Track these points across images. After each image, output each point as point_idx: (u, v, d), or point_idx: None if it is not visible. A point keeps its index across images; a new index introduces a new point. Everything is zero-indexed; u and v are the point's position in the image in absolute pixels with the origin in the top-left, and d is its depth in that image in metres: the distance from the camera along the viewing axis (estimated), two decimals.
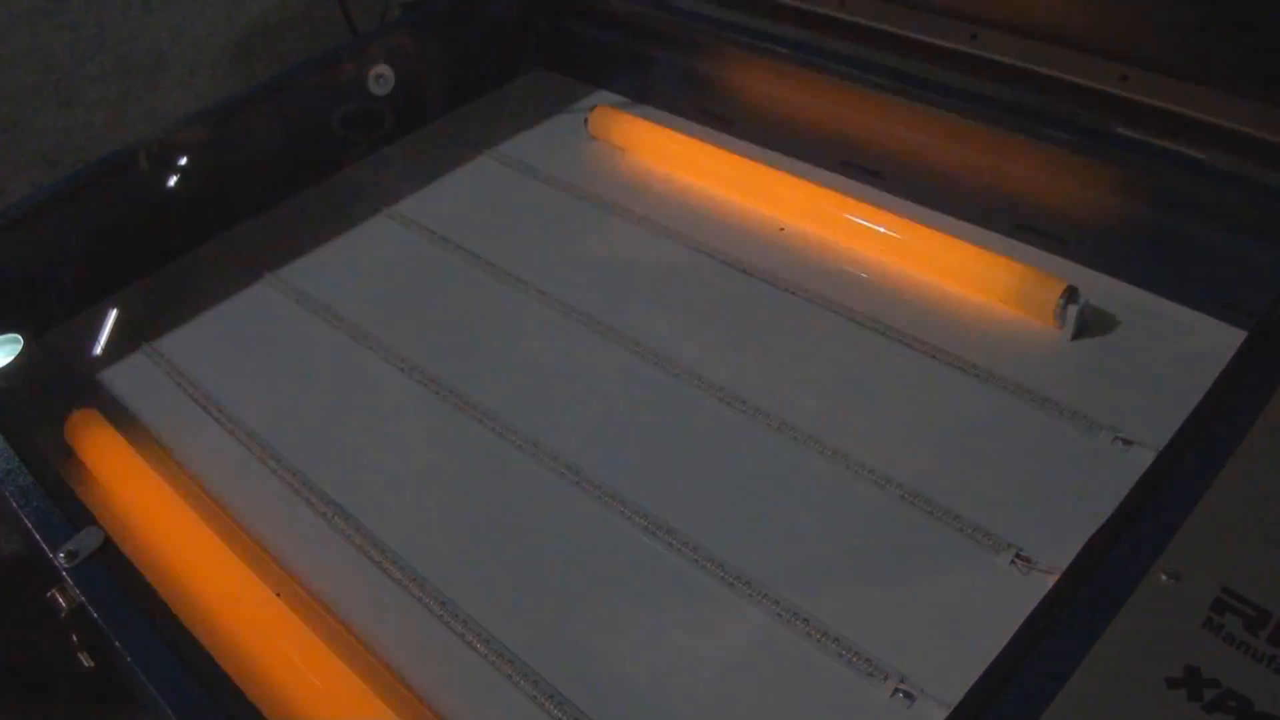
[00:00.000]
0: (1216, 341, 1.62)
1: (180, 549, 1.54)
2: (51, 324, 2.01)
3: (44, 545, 1.38)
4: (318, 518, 1.60)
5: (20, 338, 1.83)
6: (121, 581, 1.34)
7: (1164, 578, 1.07)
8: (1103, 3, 1.63)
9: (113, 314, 2.04)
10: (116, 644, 1.26)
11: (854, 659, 1.31)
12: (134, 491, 1.64)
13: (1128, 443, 1.51)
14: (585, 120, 2.35)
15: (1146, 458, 1.45)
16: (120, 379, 1.90)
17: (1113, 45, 1.65)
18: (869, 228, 1.93)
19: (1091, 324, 1.71)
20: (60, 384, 1.90)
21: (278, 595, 1.46)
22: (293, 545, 1.56)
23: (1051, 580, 1.33)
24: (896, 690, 1.27)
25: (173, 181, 2.11)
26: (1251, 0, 1.44)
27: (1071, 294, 1.69)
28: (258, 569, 1.50)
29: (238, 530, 1.59)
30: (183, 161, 2.10)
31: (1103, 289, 1.76)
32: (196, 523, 1.56)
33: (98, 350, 1.97)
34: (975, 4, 1.79)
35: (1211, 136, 1.58)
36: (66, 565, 1.35)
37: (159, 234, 2.12)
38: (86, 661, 1.45)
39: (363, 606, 1.47)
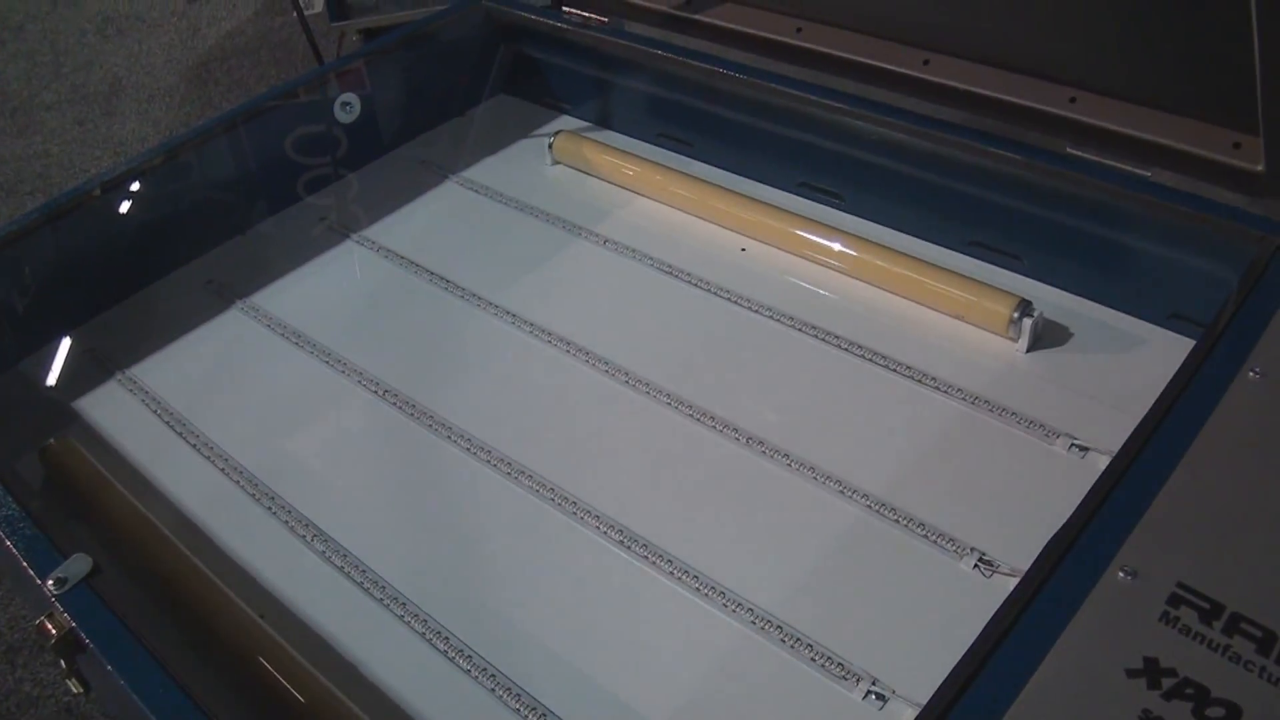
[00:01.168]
0: (1165, 350, 1.69)
1: (163, 575, 1.56)
2: (24, 354, 2.02)
3: (32, 573, 1.40)
4: (296, 539, 1.62)
5: None
6: (111, 606, 1.36)
7: (1121, 575, 1.12)
8: (1051, 29, 1.68)
9: (85, 343, 2.05)
10: (109, 668, 1.28)
11: (827, 664, 1.35)
12: (114, 518, 1.65)
13: (1083, 449, 1.56)
14: (549, 145, 2.39)
15: (1102, 463, 1.51)
16: (95, 407, 1.91)
17: (1061, 69, 1.70)
18: (828, 247, 1.98)
19: (1045, 336, 1.76)
20: (35, 414, 1.92)
21: (262, 617, 1.49)
22: (273, 567, 1.58)
23: (1014, 582, 1.37)
24: (869, 692, 1.31)
25: (141, 210, 2.13)
26: (1192, 26, 1.49)
27: (1025, 307, 1.74)
28: (241, 592, 1.52)
29: (220, 553, 1.61)
30: (150, 190, 2.12)
31: (1055, 302, 1.82)
32: (178, 548, 1.58)
33: (71, 379, 1.98)
34: (927, 31, 1.84)
35: (1156, 155, 1.63)
36: (56, 592, 1.37)
37: (130, 262, 2.14)
38: (75, 688, 1.47)
39: (346, 626, 1.49)
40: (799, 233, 2.02)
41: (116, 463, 1.78)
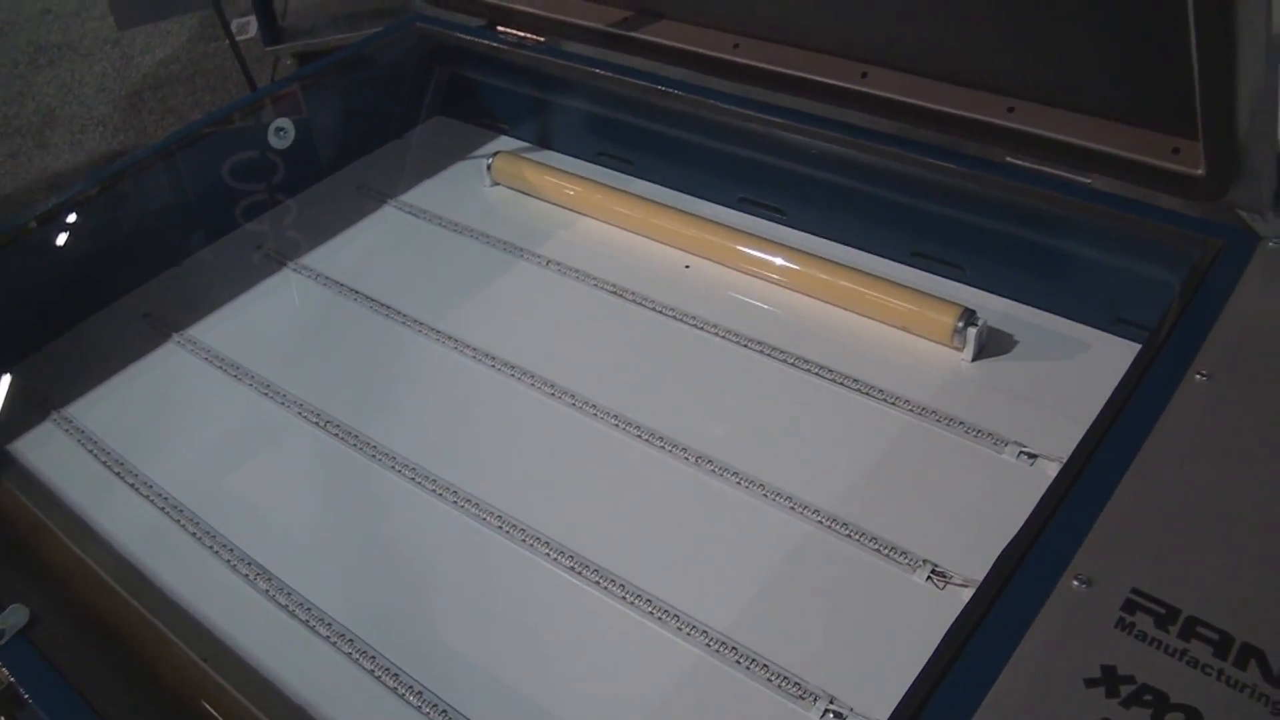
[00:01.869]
0: (1111, 355, 1.69)
1: (104, 621, 1.52)
2: None
3: None
4: (238, 578, 1.58)
5: None
6: (49, 658, 1.32)
7: (1075, 583, 1.12)
8: (987, 40, 1.68)
9: (18, 384, 2.01)
10: None
11: (783, 683, 1.33)
12: (52, 564, 1.62)
13: (1032, 456, 1.56)
14: (488, 166, 2.37)
15: (1051, 470, 1.51)
16: (30, 449, 1.87)
17: (998, 79, 1.71)
18: (772, 262, 1.97)
19: (990, 344, 1.77)
20: None
21: (205, 661, 1.45)
22: (215, 607, 1.55)
23: (968, 593, 1.36)
24: (826, 711, 1.29)
25: (75, 243, 2.09)
26: (1129, 33, 1.50)
27: (969, 316, 1.74)
28: (184, 635, 1.49)
29: (161, 596, 1.57)
30: (83, 223, 2.08)
31: (1000, 310, 1.82)
32: (118, 593, 1.54)
33: (5, 421, 1.93)
34: (865, 44, 1.84)
35: (1095, 161, 1.64)
36: None
37: (64, 297, 2.10)
38: None
39: (292, 667, 1.45)
40: (742, 249, 2.01)
41: (53, 506, 1.74)
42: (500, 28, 2.40)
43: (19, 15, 5.88)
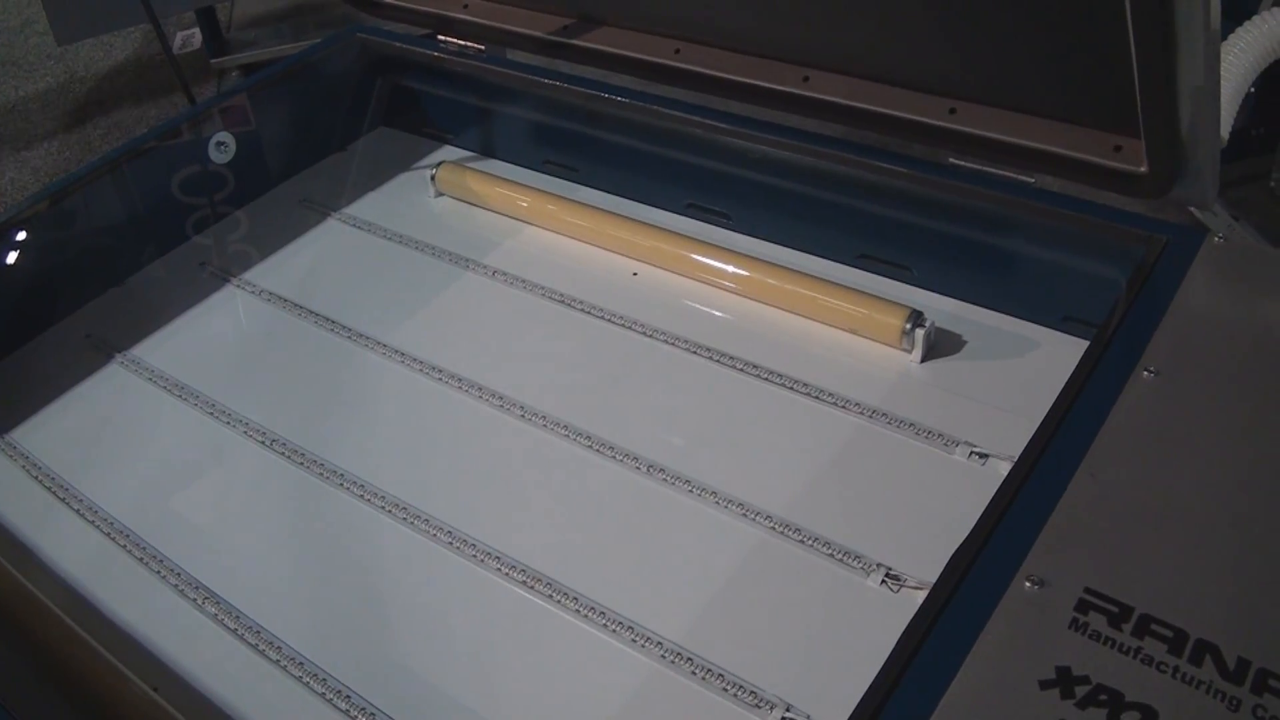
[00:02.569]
0: (1059, 353, 1.69)
1: (49, 651, 1.48)
2: None
3: None
4: (186, 603, 1.56)
5: None
6: None
7: (1028, 584, 1.11)
8: (928, 42, 1.69)
9: None
10: None
11: (739, 692, 1.32)
12: None
13: (983, 456, 1.56)
14: (432, 177, 2.35)
15: (1003, 469, 1.51)
16: None
17: (939, 81, 1.71)
18: (719, 268, 1.96)
19: (939, 345, 1.76)
20: None
21: (155, 690, 1.42)
22: (165, 634, 1.51)
23: (922, 596, 1.37)
24: (784, 719, 1.29)
25: (14, 265, 2.05)
26: (1068, 33, 1.51)
27: (917, 318, 1.74)
28: (133, 664, 1.45)
29: (107, 624, 1.53)
30: (22, 243, 2.05)
31: (948, 311, 1.82)
32: (63, 621, 1.50)
33: None
34: (805, 49, 1.84)
35: (1039, 161, 1.64)
36: None
37: (3, 322, 2.06)
38: None
39: (244, 693, 1.43)
40: (689, 255, 2.00)
41: None
42: (442, 37, 2.39)
43: None
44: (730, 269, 1.95)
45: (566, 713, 1.36)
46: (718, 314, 1.93)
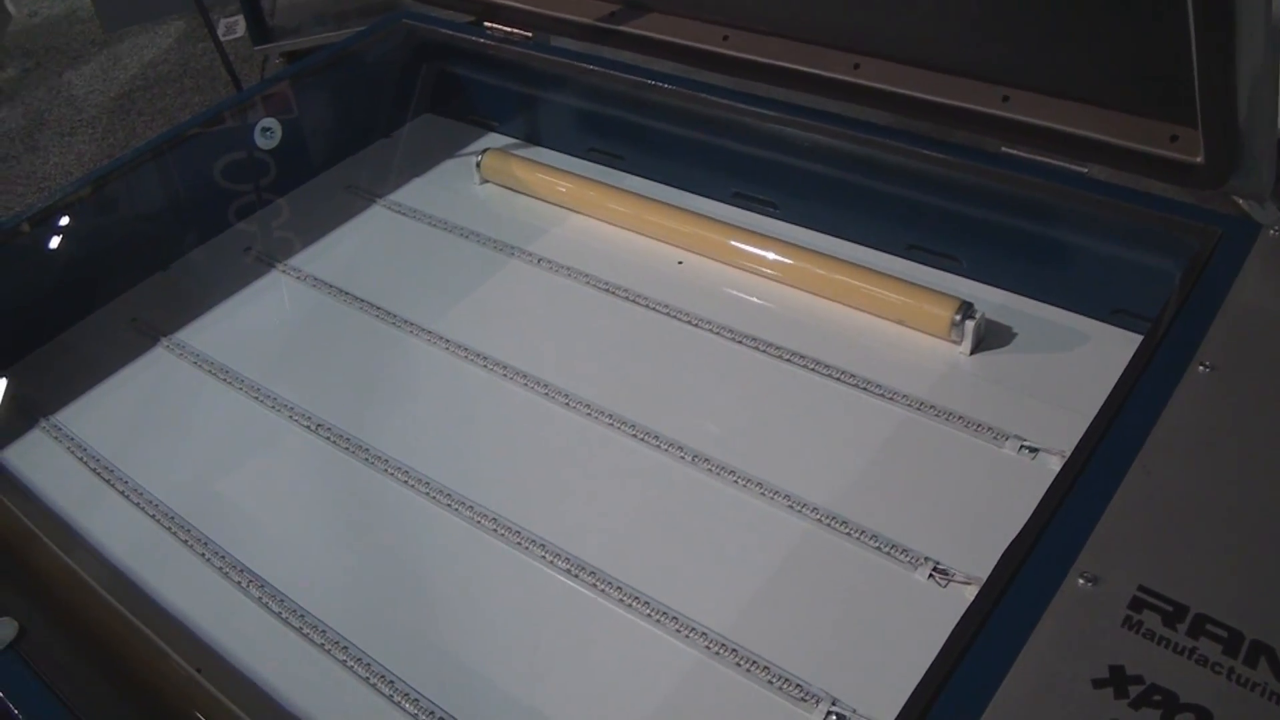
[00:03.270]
0: (1109, 346, 1.67)
1: (94, 632, 1.49)
2: None
3: None
4: (230, 585, 1.56)
5: None
6: (39, 672, 1.30)
7: (1081, 581, 1.10)
8: (980, 29, 1.66)
9: (6, 391, 1.99)
10: None
11: (785, 685, 1.31)
12: (41, 575, 1.59)
13: (1034, 450, 1.54)
14: (477, 164, 2.34)
15: (1053, 464, 1.49)
16: (19, 457, 1.84)
17: (993, 68, 1.69)
18: (765, 256, 1.95)
19: (988, 337, 1.75)
20: None
21: (199, 671, 1.43)
22: (208, 616, 1.52)
23: (970, 591, 1.35)
24: (829, 713, 1.27)
25: (60, 249, 2.06)
26: (1125, 19, 1.48)
27: (967, 309, 1.72)
28: (176, 645, 1.46)
29: (153, 606, 1.54)
30: (69, 227, 2.06)
31: (998, 302, 1.80)
32: (109, 603, 1.51)
33: None
34: (857, 35, 1.82)
35: (1092, 150, 1.62)
36: None
37: (50, 304, 2.08)
38: None
39: (288, 676, 1.43)
40: (735, 244, 1.99)
41: (43, 516, 1.71)
42: (488, 24, 2.38)
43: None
44: (776, 258, 1.94)
45: (609, 702, 1.36)
46: (763, 303, 1.92)
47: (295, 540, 1.65)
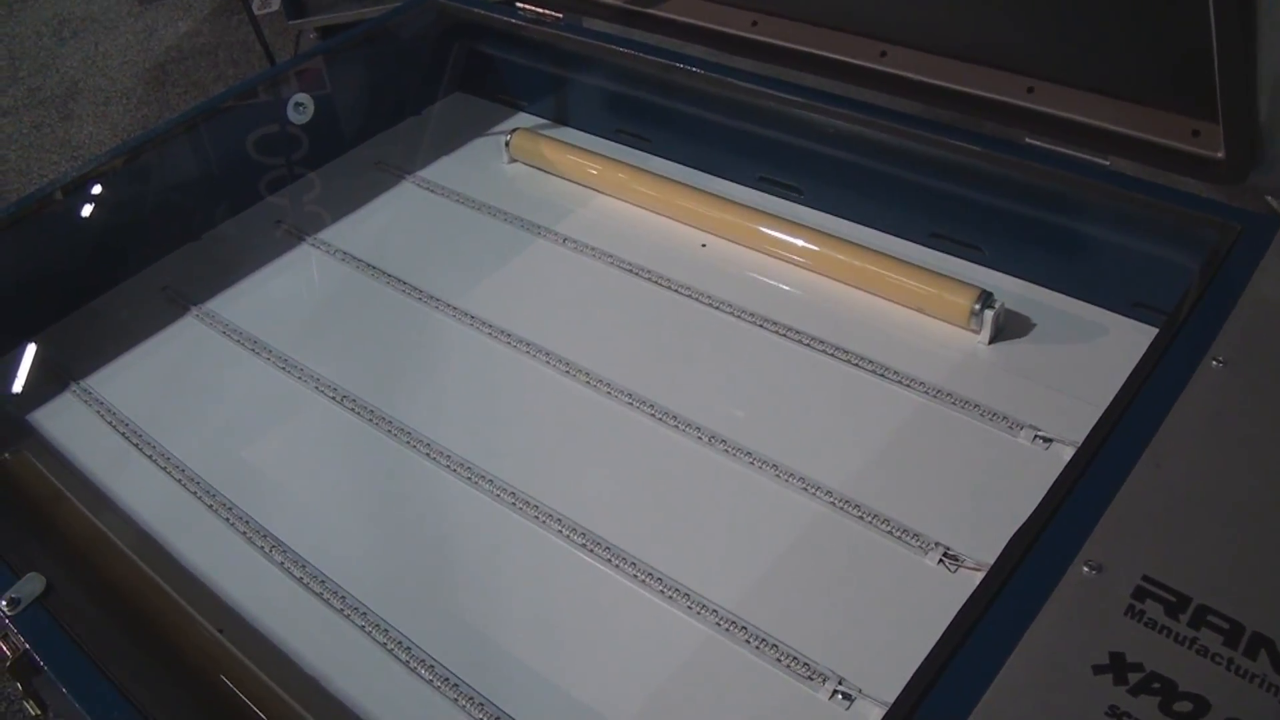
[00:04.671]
0: (1127, 339, 1.68)
1: (120, 591, 1.53)
2: None
3: None
4: (255, 551, 1.60)
5: None
6: (66, 627, 1.34)
7: (1086, 569, 1.11)
8: (1007, 19, 1.67)
9: (39, 354, 2.02)
10: (63, 691, 1.26)
11: (792, 664, 1.34)
12: (70, 534, 1.63)
13: (1047, 440, 1.56)
14: (506, 143, 2.36)
15: (1066, 454, 1.51)
16: (50, 420, 1.88)
17: (1018, 59, 1.69)
18: (788, 241, 1.96)
19: (1007, 327, 1.76)
20: None
21: (221, 632, 1.46)
22: (232, 580, 1.56)
23: (979, 577, 1.36)
24: (835, 692, 1.30)
25: (93, 217, 2.09)
26: (1149, 13, 1.49)
27: (987, 299, 1.73)
28: (199, 606, 1.50)
29: (178, 567, 1.58)
30: (102, 196, 2.09)
31: (1017, 293, 1.81)
32: (135, 563, 1.55)
33: (25, 392, 1.94)
34: (884, 23, 1.83)
35: (1115, 143, 1.63)
36: (9, 613, 1.35)
37: (83, 270, 2.11)
38: (33, 710, 1.44)
39: (307, 640, 1.47)
40: (759, 228, 2.00)
41: (72, 477, 1.75)
42: (520, 4, 2.40)
43: None
44: (799, 243, 1.95)
45: (621, 674, 1.38)
46: (785, 288, 1.93)
47: (319, 508, 1.68)
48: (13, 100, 4.92)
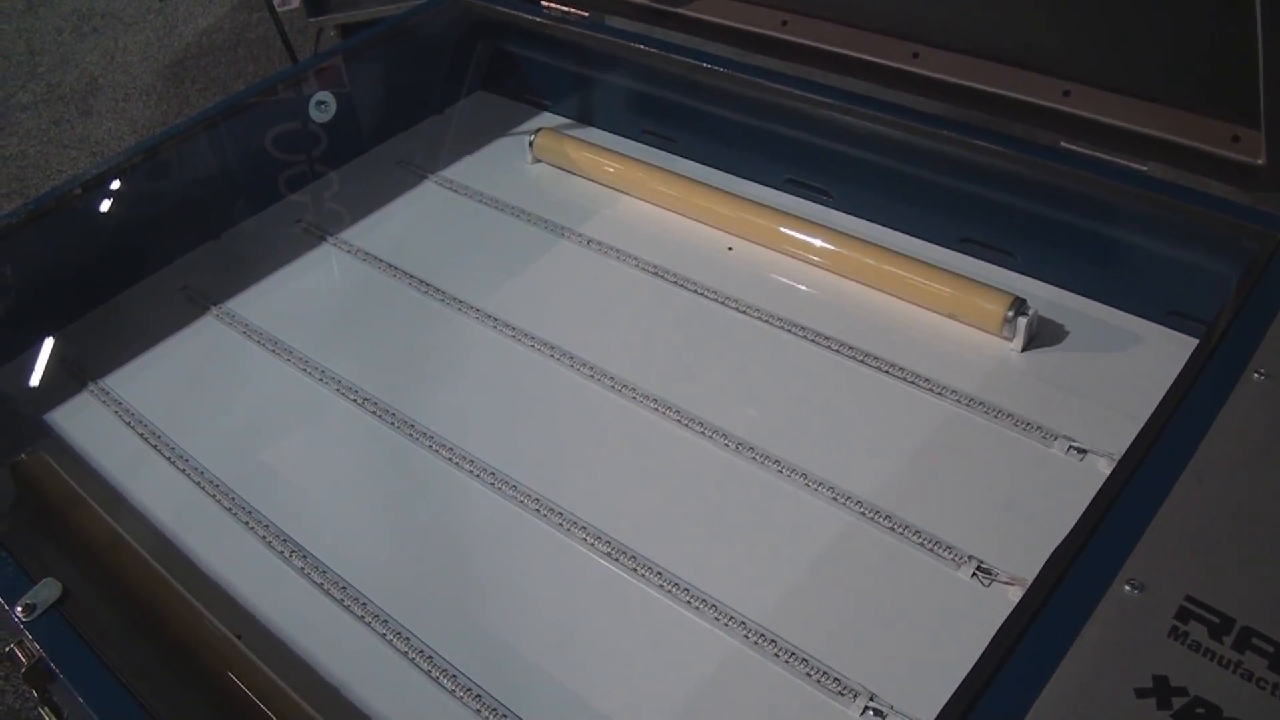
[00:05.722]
0: (1162, 348, 1.66)
1: (137, 594, 1.52)
2: None
3: (1, 599, 1.36)
4: (273, 555, 1.58)
5: None
6: (81, 633, 1.32)
7: (1127, 588, 1.08)
8: (1043, 21, 1.64)
9: (56, 353, 2.00)
10: (79, 698, 1.24)
11: (822, 679, 1.31)
12: (86, 536, 1.61)
13: (1082, 452, 1.53)
14: (530, 143, 2.34)
15: (1101, 466, 1.48)
16: (67, 420, 1.86)
17: (1054, 61, 1.67)
18: (816, 245, 1.94)
19: (1040, 335, 1.73)
20: (6, 428, 1.86)
21: (239, 637, 1.44)
22: (250, 583, 1.54)
23: (1013, 591, 1.34)
24: (866, 709, 1.27)
25: (112, 214, 2.08)
26: (1190, 16, 1.46)
27: (1020, 306, 1.70)
28: (217, 610, 1.48)
29: (195, 571, 1.56)
30: (122, 193, 2.07)
31: (1051, 300, 1.78)
32: (152, 566, 1.53)
33: (43, 391, 1.93)
34: (916, 24, 1.80)
35: (1152, 148, 1.60)
36: (25, 619, 1.33)
37: (101, 268, 2.09)
38: (50, 717, 1.43)
39: (326, 645, 1.45)
40: (786, 230, 1.98)
41: (89, 478, 1.74)
42: (545, 2, 2.37)
43: None
44: (828, 247, 1.92)
45: (645, 686, 1.36)
46: (813, 292, 1.91)
47: (338, 512, 1.65)
48: (32, 96, 4.92)
